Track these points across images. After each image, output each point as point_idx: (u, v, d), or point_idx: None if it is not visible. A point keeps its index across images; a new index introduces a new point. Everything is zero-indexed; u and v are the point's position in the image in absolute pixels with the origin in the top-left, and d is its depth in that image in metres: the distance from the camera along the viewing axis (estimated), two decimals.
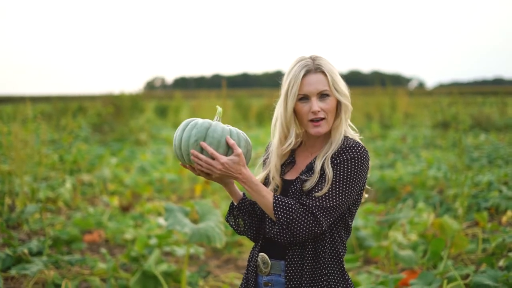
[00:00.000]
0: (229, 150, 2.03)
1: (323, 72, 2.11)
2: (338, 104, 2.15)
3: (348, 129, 2.17)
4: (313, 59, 2.14)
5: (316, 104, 2.10)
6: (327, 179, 2.04)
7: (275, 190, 2.18)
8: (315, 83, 2.10)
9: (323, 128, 2.12)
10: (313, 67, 2.12)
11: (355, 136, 2.17)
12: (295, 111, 2.14)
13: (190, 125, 2.05)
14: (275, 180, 2.19)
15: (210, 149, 2.00)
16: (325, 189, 2.03)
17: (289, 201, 2.05)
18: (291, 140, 2.16)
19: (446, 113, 14.54)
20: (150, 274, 4.39)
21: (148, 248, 4.93)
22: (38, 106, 18.73)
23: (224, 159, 2.01)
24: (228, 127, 2.09)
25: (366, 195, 2.27)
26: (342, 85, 2.14)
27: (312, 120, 2.11)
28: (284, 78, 2.15)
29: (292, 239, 2.05)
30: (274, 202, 2.05)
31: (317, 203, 2.03)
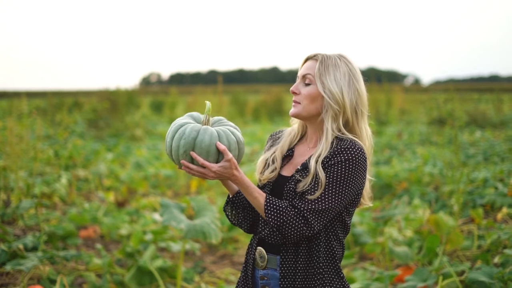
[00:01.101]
0: (219, 155, 2.02)
1: (317, 61, 2.14)
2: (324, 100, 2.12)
3: (343, 131, 2.11)
4: (328, 54, 2.17)
5: (295, 85, 2.17)
6: (320, 182, 2.03)
7: (273, 170, 2.19)
8: (305, 68, 2.16)
9: (296, 109, 2.16)
10: (315, 56, 2.16)
11: (355, 138, 2.10)
12: None
13: (178, 133, 2.02)
14: (276, 159, 2.21)
15: (200, 160, 2.00)
16: (318, 193, 2.02)
17: (281, 203, 2.05)
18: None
19: (442, 109, 14.53)
20: (145, 269, 4.38)
21: (144, 243, 4.92)
22: (33, 101, 18.66)
23: (215, 167, 2.01)
24: (217, 129, 2.05)
25: (370, 204, 2.23)
26: (333, 81, 2.10)
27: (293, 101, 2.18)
28: None
29: (283, 240, 2.07)
30: (265, 204, 2.05)
31: (309, 206, 2.01)
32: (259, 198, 2.07)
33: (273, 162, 2.22)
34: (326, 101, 2.11)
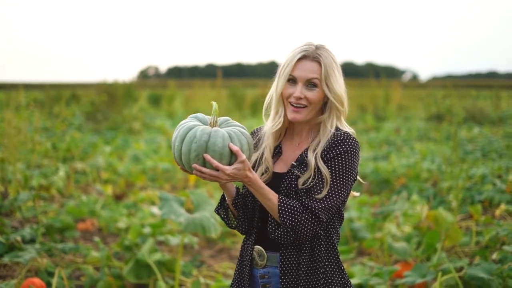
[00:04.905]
0: (232, 156, 1.96)
1: (319, 63, 2.07)
2: (327, 100, 2.10)
3: (341, 126, 2.11)
4: (317, 47, 2.09)
5: (299, 90, 2.07)
6: (325, 178, 2.01)
7: (265, 172, 2.14)
8: (307, 70, 2.07)
9: (301, 115, 2.08)
10: (312, 55, 2.08)
11: (348, 129, 2.12)
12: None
13: (188, 136, 1.94)
14: (268, 161, 2.14)
15: (215, 163, 1.93)
16: (325, 191, 2.01)
17: (294, 203, 2.01)
18: (280, 120, 2.13)
19: (440, 105, 14.54)
20: (143, 263, 4.37)
21: (142, 237, 4.91)
22: (31, 93, 18.62)
23: (229, 170, 1.94)
24: (227, 130, 1.99)
25: (357, 194, 2.28)
26: (336, 83, 2.08)
27: (292, 105, 2.09)
28: (284, 57, 2.13)
29: (296, 241, 2.04)
30: (279, 205, 2.02)
31: (321, 205, 2.00)
32: (273, 199, 2.02)
33: (263, 163, 2.16)
34: (332, 103, 2.09)
